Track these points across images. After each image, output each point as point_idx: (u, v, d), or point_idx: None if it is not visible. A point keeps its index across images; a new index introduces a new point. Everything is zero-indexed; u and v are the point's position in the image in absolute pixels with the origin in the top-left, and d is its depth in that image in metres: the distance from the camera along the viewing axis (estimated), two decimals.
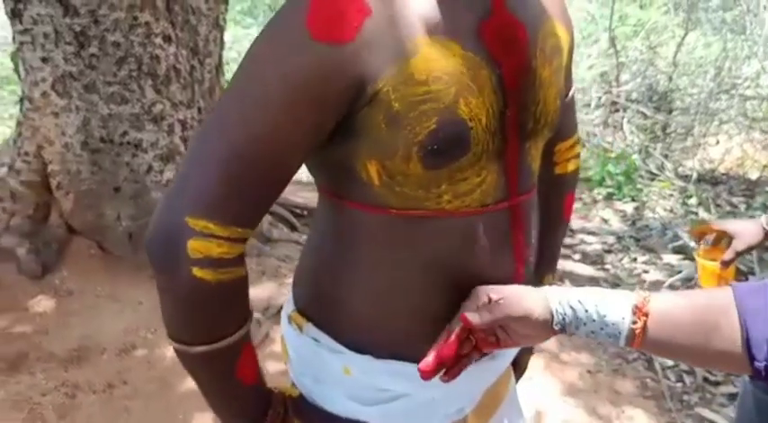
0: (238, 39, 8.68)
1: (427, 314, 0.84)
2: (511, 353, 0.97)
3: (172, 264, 0.72)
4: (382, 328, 0.86)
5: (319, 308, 0.90)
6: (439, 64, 0.74)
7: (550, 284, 1.16)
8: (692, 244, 3.84)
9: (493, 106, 0.77)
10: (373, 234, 0.82)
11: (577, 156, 1.12)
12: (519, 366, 1.17)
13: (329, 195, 0.86)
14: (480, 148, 0.77)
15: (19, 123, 2.86)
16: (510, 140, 0.81)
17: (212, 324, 0.77)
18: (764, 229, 1.44)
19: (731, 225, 1.47)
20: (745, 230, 1.44)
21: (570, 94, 1.02)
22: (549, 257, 1.15)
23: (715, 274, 1.48)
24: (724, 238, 1.48)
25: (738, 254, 1.43)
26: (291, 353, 0.95)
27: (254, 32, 8.72)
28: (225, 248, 0.73)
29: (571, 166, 1.11)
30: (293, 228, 3.95)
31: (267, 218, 3.70)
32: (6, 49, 7.02)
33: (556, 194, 1.11)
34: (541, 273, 1.13)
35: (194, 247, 0.71)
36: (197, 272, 0.72)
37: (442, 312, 0.83)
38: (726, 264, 1.45)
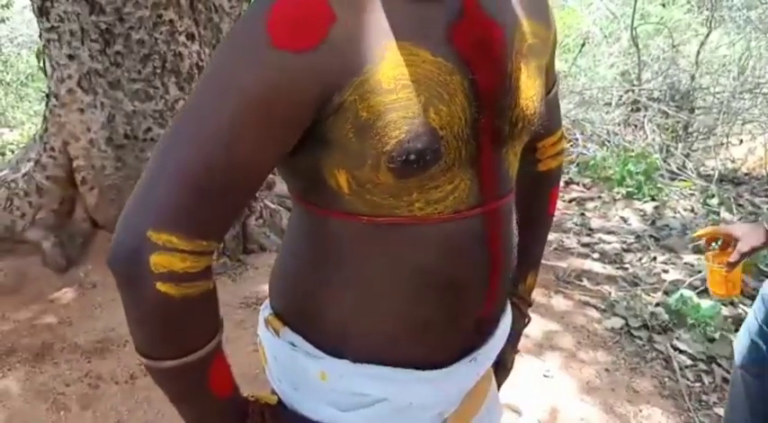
0: None
1: (402, 319, 0.83)
2: (491, 355, 0.95)
3: (135, 279, 0.69)
4: (357, 333, 0.84)
5: (295, 312, 0.89)
6: (407, 71, 0.71)
7: (532, 281, 1.16)
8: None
9: (465, 113, 0.75)
10: (345, 240, 0.80)
11: (562, 152, 1.10)
12: (503, 365, 1.15)
13: (300, 201, 0.84)
14: (452, 157, 0.75)
15: (45, 119, 2.92)
16: (484, 146, 0.79)
17: (179, 339, 0.74)
18: (767, 230, 1.47)
19: (735, 228, 1.52)
20: (748, 233, 1.47)
21: (553, 90, 1.01)
22: (534, 255, 1.14)
23: (722, 277, 1.52)
24: (732, 242, 1.51)
25: (743, 256, 1.46)
26: (269, 357, 0.93)
27: None
28: (189, 262, 0.70)
29: (555, 163, 1.10)
30: None
31: (286, 214, 3.74)
32: (31, 47, 7.15)
33: (539, 191, 1.10)
34: (525, 270, 1.12)
35: (157, 261, 0.69)
36: (161, 287, 0.69)
37: (417, 317, 0.82)
38: (731, 266, 1.48)
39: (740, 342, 1.61)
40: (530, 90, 0.83)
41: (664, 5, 8.94)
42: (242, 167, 0.71)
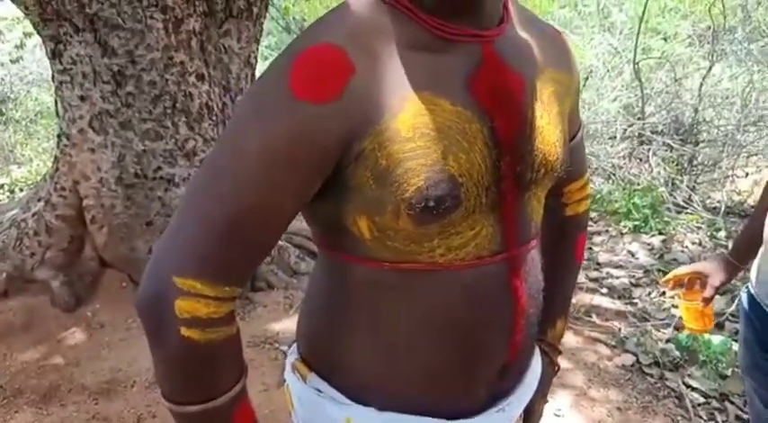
0: None
1: (425, 366, 0.83)
2: (520, 404, 0.95)
3: (160, 324, 0.72)
4: (382, 380, 0.85)
5: (320, 357, 0.89)
6: (426, 120, 0.73)
7: (562, 327, 1.15)
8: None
9: (485, 160, 0.76)
10: (367, 287, 0.81)
11: (588, 197, 1.11)
12: (532, 414, 1.13)
13: (323, 247, 0.86)
14: (472, 203, 0.76)
15: (56, 159, 2.95)
16: (506, 193, 0.80)
17: (204, 384, 0.76)
18: (732, 262, 1.54)
19: (701, 266, 1.59)
20: (716, 268, 1.55)
21: (578, 135, 1.02)
22: (562, 301, 1.13)
23: (698, 312, 1.58)
24: (698, 280, 1.58)
25: (716, 290, 1.54)
26: (295, 402, 0.93)
27: None
28: (213, 308, 0.72)
29: (582, 208, 1.10)
30: None
31: (294, 251, 3.74)
32: (42, 86, 7.26)
33: (567, 237, 1.10)
34: (553, 317, 1.11)
35: (182, 306, 0.71)
36: (185, 332, 0.71)
37: (441, 364, 0.83)
38: (707, 301, 1.55)
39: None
40: (551, 136, 0.84)
41: (665, 39, 9.04)
42: (264, 215, 0.73)
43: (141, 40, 2.65)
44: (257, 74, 3.40)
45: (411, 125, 0.73)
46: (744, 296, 1.56)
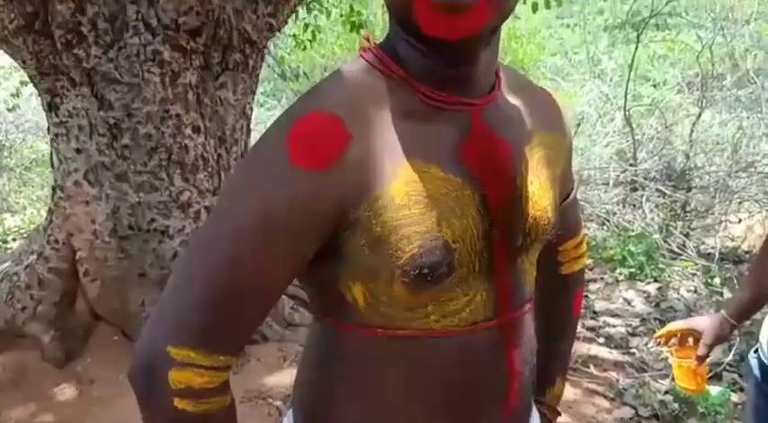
0: (262, 120, 8.94)
1: None
2: None
3: (153, 394, 0.71)
4: None
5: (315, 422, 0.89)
6: (419, 187, 0.74)
7: (561, 386, 1.14)
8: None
9: (477, 227, 0.77)
10: (361, 353, 0.81)
11: (584, 254, 1.11)
12: None
13: (317, 313, 0.86)
14: (465, 270, 0.77)
15: (50, 211, 2.94)
16: (498, 258, 0.81)
17: None
18: (728, 321, 1.49)
19: (696, 322, 1.54)
20: (711, 325, 1.50)
21: (572, 195, 1.03)
22: (560, 359, 1.13)
23: (690, 371, 1.53)
24: (690, 336, 1.54)
25: (710, 348, 1.49)
26: None
27: (277, 114, 9.00)
28: (207, 378, 0.72)
29: (577, 266, 1.10)
30: None
31: (288, 302, 3.70)
32: (37, 134, 7.29)
33: (564, 295, 1.10)
34: (552, 375, 1.11)
35: (176, 377, 0.70)
36: (178, 403, 0.71)
37: None
38: (701, 360, 1.49)
39: None
40: (542, 201, 0.85)
41: (655, 86, 9.21)
42: (260, 283, 0.73)
43: (138, 94, 2.67)
44: (252, 125, 3.42)
45: (405, 192, 0.74)
46: (754, 363, 1.52)
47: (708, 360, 1.51)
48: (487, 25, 0.72)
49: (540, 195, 0.84)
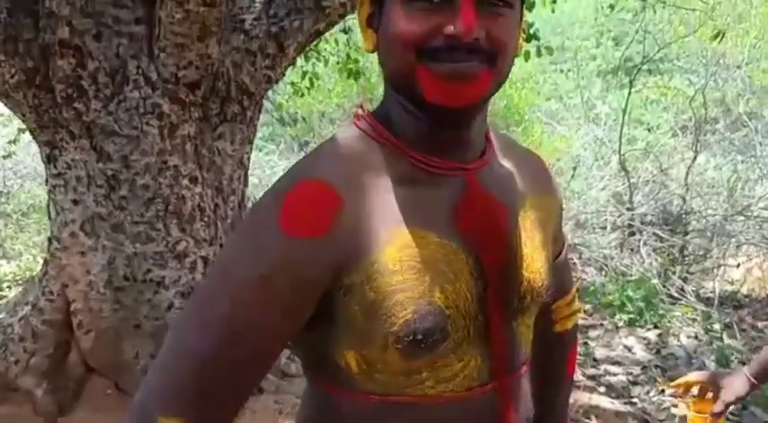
0: (260, 165, 9.00)
1: None
2: None
3: None
4: None
5: None
6: (413, 253, 0.74)
7: None
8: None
9: (471, 291, 0.77)
10: (356, 418, 0.80)
11: (576, 312, 1.11)
12: None
13: (311, 379, 0.85)
14: (460, 335, 0.77)
15: (46, 262, 2.93)
16: (493, 322, 0.80)
17: None
18: (750, 380, 1.47)
19: (717, 377, 1.51)
20: (732, 382, 1.47)
21: (563, 254, 1.03)
22: (558, 417, 1.12)
23: None
24: (710, 389, 1.50)
25: (728, 405, 1.46)
26: None
27: (275, 159, 9.06)
28: None
29: (570, 323, 1.10)
30: None
31: (284, 352, 3.66)
32: (35, 179, 7.32)
33: (557, 354, 1.09)
34: None
35: None
36: None
37: None
38: (717, 415, 1.46)
39: None
40: (536, 263, 0.85)
41: (649, 130, 9.31)
42: (254, 354, 0.72)
43: (136, 146, 2.69)
44: (251, 169, 3.44)
45: (398, 258, 0.74)
46: None
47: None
48: (488, 93, 0.75)
49: (534, 258, 0.85)
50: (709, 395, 1.51)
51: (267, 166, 8.86)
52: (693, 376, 1.54)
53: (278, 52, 3.09)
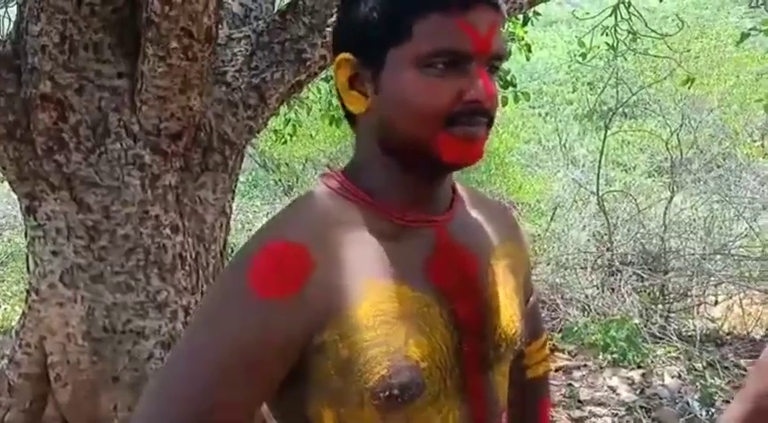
0: (243, 210, 9.00)
1: None
2: None
3: None
4: None
5: None
6: (386, 307, 0.75)
7: None
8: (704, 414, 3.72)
9: (447, 343, 0.78)
10: None
11: (548, 357, 1.12)
12: None
13: None
14: (437, 388, 0.77)
15: (23, 315, 2.90)
16: (470, 373, 0.81)
17: None
18: None
19: None
20: None
21: (531, 300, 1.05)
22: None
23: None
24: None
25: None
26: None
27: (258, 203, 9.07)
28: None
29: (542, 369, 1.11)
30: None
31: None
32: (15, 228, 7.25)
33: (531, 401, 1.10)
34: None
35: None
36: None
37: None
38: None
39: None
40: (509, 311, 0.86)
41: (626, 171, 9.48)
42: (228, 412, 0.72)
43: (117, 196, 2.70)
44: (234, 214, 3.44)
45: (371, 313, 0.74)
46: None
47: None
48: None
49: (506, 305, 0.86)
50: None
51: (250, 210, 8.87)
52: None
53: (259, 103, 3.14)
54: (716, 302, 5.92)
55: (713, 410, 3.70)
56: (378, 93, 0.78)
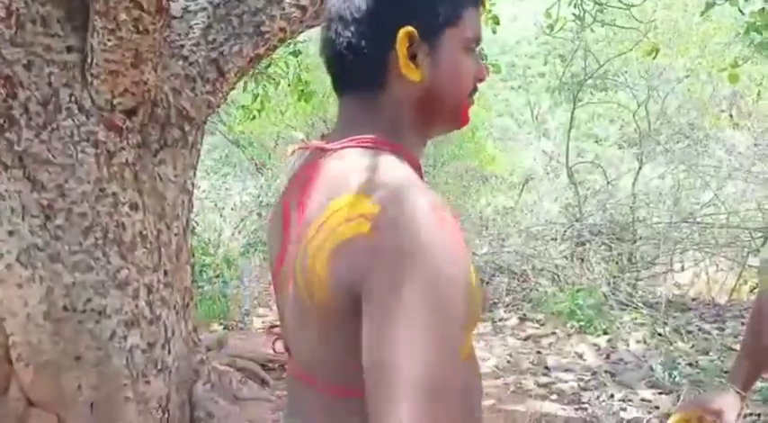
0: (215, 188, 8.93)
1: None
2: None
3: None
4: None
5: None
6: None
7: None
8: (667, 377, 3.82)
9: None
10: None
11: None
12: None
13: (346, 390, 0.82)
14: None
15: None
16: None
17: None
18: (741, 394, 1.46)
19: (711, 404, 1.46)
20: (728, 404, 1.44)
21: None
22: None
23: None
24: (707, 417, 1.45)
25: None
26: None
27: (231, 182, 9.00)
28: None
29: None
30: (264, 382, 3.87)
31: (236, 375, 3.63)
32: None
33: None
34: None
35: None
36: None
37: None
38: None
39: None
40: None
41: (597, 143, 9.55)
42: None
43: (72, 174, 2.66)
44: (204, 186, 3.41)
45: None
46: None
47: None
48: None
49: None
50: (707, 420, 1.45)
51: (222, 188, 8.80)
52: (688, 408, 1.49)
53: (218, 77, 3.10)
54: (682, 268, 6.03)
55: (675, 373, 3.79)
56: (433, 67, 0.88)
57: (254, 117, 6.23)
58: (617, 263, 5.93)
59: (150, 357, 2.94)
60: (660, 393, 3.64)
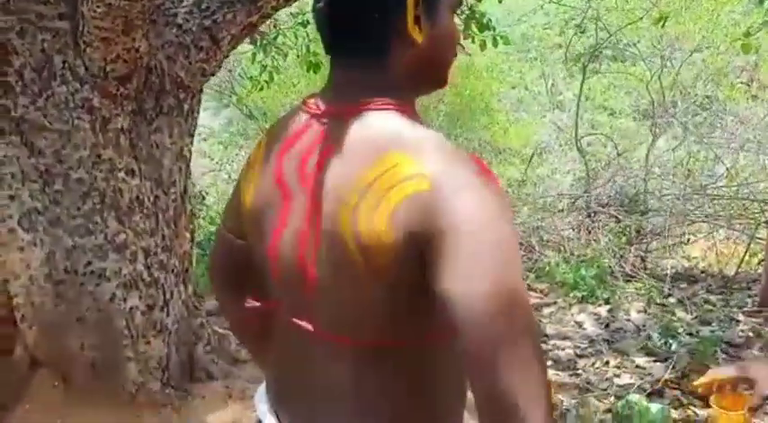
0: (229, 160, 8.99)
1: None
2: None
3: None
4: None
5: None
6: None
7: None
8: (667, 344, 3.83)
9: None
10: (446, 360, 0.92)
11: None
12: None
13: (423, 340, 0.88)
14: None
15: None
16: None
17: None
18: None
19: (745, 370, 1.35)
20: (763, 375, 1.32)
21: None
22: None
23: None
24: (740, 384, 1.34)
25: (765, 399, 1.31)
26: None
27: (244, 154, 9.06)
28: None
29: None
30: None
31: (234, 338, 3.71)
32: None
33: None
34: None
35: None
36: None
37: None
38: (753, 410, 1.32)
39: None
40: None
41: (612, 115, 9.42)
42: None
43: (68, 140, 2.73)
44: (219, 164, 3.46)
45: None
46: None
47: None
48: None
49: None
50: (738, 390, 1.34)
51: (236, 160, 8.86)
52: (721, 373, 1.36)
53: (211, 45, 3.14)
54: (688, 240, 5.99)
55: (672, 341, 3.80)
56: (432, 28, 0.91)
57: (261, 88, 6.26)
58: (625, 234, 5.91)
59: (149, 319, 3.03)
60: (655, 361, 3.66)
